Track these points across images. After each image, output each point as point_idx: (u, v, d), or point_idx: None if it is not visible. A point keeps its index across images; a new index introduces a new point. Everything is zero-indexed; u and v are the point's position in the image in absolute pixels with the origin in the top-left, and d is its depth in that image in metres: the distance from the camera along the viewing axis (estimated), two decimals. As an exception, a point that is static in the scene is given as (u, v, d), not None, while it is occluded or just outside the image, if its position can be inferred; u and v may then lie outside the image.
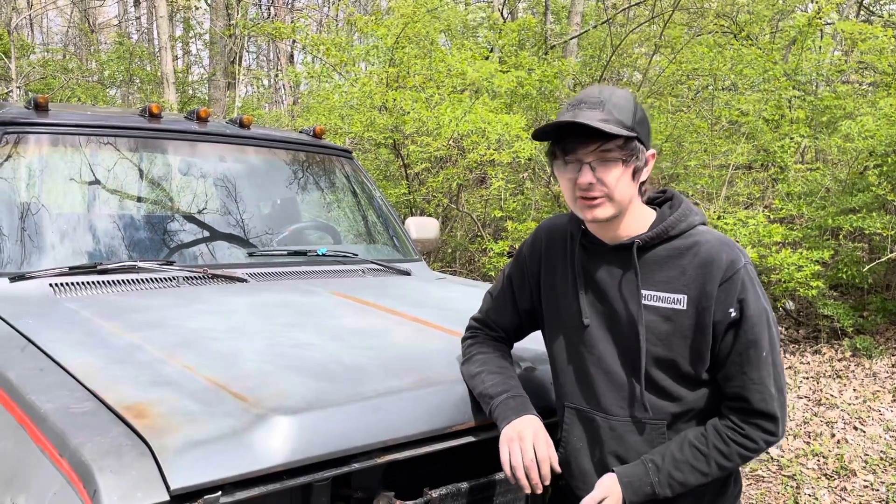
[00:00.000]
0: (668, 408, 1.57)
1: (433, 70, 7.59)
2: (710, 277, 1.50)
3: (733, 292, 1.50)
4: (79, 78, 14.97)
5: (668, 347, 1.53)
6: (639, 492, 1.54)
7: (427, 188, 7.97)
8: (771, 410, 1.52)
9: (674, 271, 1.54)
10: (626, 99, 1.52)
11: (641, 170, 1.53)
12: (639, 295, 1.55)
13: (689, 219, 1.58)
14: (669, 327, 1.53)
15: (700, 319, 1.51)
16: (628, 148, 1.49)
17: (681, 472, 1.53)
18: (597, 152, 1.49)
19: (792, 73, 7.92)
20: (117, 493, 1.19)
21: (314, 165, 3.45)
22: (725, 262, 1.50)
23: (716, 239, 1.55)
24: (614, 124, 1.46)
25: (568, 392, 1.68)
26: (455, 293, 2.81)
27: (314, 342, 1.92)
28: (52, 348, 1.75)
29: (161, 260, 2.59)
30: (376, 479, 1.63)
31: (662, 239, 1.56)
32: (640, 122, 1.51)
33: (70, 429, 1.35)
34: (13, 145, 2.60)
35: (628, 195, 1.53)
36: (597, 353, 1.61)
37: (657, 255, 1.56)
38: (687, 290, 1.52)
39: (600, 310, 1.61)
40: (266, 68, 22.95)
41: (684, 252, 1.54)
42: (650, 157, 1.56)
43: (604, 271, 1.61)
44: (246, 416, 1.42)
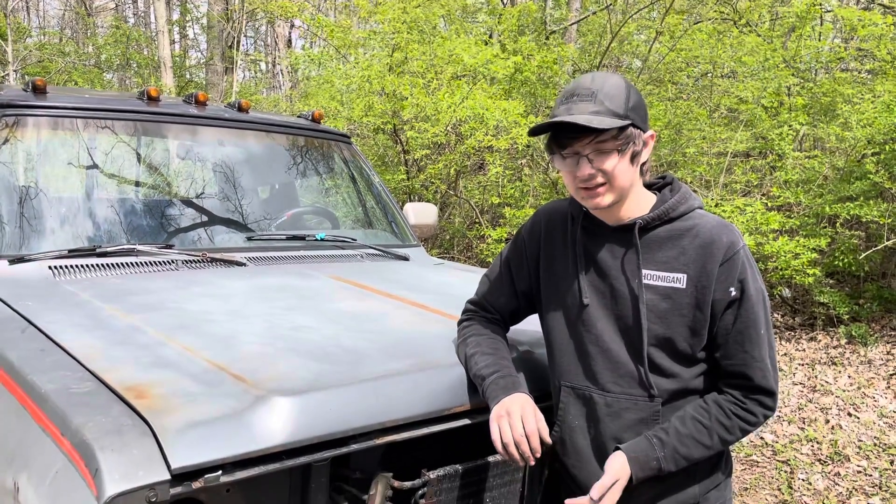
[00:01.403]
0: (664, 385, 1.59)
1: (432, 55, 7.57)
2: (711, 257, 1.54)
3: (734, 272, 1.54)
4: (75, 62, 14.90)
5: (666, 325, 1.56)
6: (645, 467, 1.55)
7: (426, 174, 7.97)
8: (771, 387, 1.57)
9: (673, 251, 1.57)
10: (618, 86, 1.53)
11: (640, 153, 1.56)
12: (640, 274, 1.58)
13: (689, 202, 1.62)
14: (668, 305, 1.56)
15: (699, 298, 1.54)
16: (623, 136, 1.51)
17: (685, 447, 1.55)
18: (592, 144, 1.51)
19: (791, 61, 7.90)
20: (119, 471, 1.20)
21: (313, 150, 3.45)
22: (726, 243, 1.55)
23: (715, 221, 1.60)
24: (606, 115, 1.49)
25: (565, 371, 1.70)
26: (453, 278, 2.82)
27: (313, 325, 1.93)
28: (53, 330, 1.76)
29: (160, 243, 2.59)
30: (375, 461, 1.64)
31: (663, 220, 1.59)
32: (634, 108, 1.53)
33: (71, 409, 1.36)
34: (11, 128, 2.60)
35: (629, 180, 1.56)
36: (595, 332, 1.63)
37: (657, 236, 1.60)
38: (686, 269, 1.55)
39: (600, 289, 1.64)
40: (264, 53, 22.84)
41: (684, 233, 1.58)
42: (649, 138, 1.58)
43: (605, 251, 1.64)
44: (246, 397, 1.43)
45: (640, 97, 1.57)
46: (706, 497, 1.67)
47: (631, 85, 1.57)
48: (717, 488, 1.69)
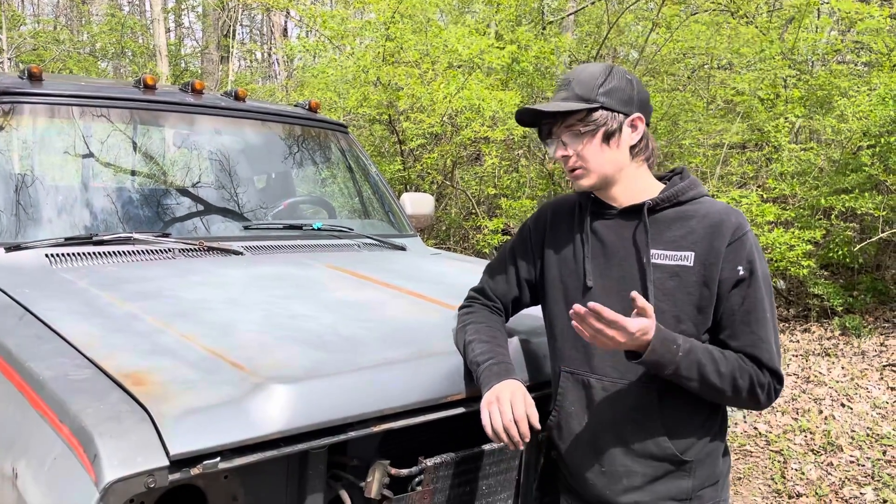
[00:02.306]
0: None
1: (428, 45, 7.55)
2: (720, 236, 1.56)
3: (742, 252, 1.56)
4: (70, 50, 14.81)
5: (672, 303, 1.58)
6: (663, 346, 1.47)
7: (422, 165, 7.96)
8: (777, 367, 1.57)
9: (682, 230, 1.60)
10: (594, 73, 1.62)
11: (615, 134, 1.61)
12: (648, 252, 1.60)
13: (698, 189, 1.66)
14: (675, 283, 1.58)
15: (706, 275, 1.56)
16: (590, 119, 1.60)
17: (703, 359, 1.51)
18: (562, 128, 1.63)
19: (788, 53, 7.90)
20: (117, 457, 1.21)
21: (309, 139, 3.44)
22: (734, 223, 1.58)
23: (723, 206, 1.63)
24: (573, 100, 1.60)
25: (565, 356, 1.71)
26: (450, 268, 2.82)
27: (310, 314, 1.93)
28: (50, 317, 1.76)
29: (157, 232, 2.59)
30: (372, 448, 1.65)
31: (672, 202, 1.63)
32: (608, 92, 1.59)
33: (70, 395, 1.36)
34: (7, 115, 2.59)
35: (607, 161, 1.62)
36: None
37: (665, 217, 1.63)
38: (694, 247, 1.57)
39: (606, 272, 1.66)
40: (260, 42, 22.74)
41: (693, 215, 1.61)
42: (635, 120, 1.62)
43: (612, 234, 1.67)
44: (244, 384, 1.43)
45: (627, 82, 1.62)
46: (699, 495, 1.64)
47: (617, 72, 1.62)
48: (713, 486, 1.67)
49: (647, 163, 1.68)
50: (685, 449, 1.62)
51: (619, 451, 1.64)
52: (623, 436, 1.63)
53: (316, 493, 1.52)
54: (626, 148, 1.63)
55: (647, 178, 1.68)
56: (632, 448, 1.63)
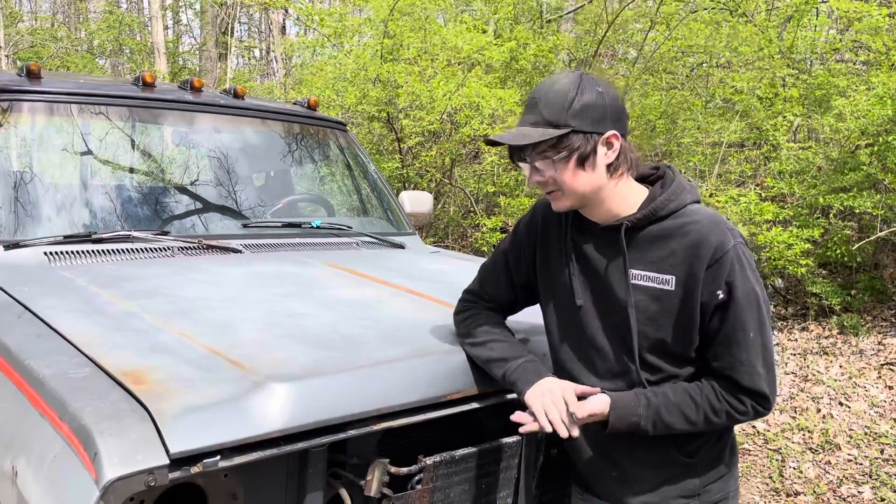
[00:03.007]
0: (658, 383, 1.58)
1: (427, 43, 7.54)
2: (698, 259, 1.50)
3: (721, 275, 1.49)
4: (68, 47, 14.78)
5: (656, 327, 1.55)
6: (623, 419, 1.53)
7: (420, 163, 7.95)
8: (759, 388, 1.53)
9: (663, 251, 1.54)
10: (562, 92, 1.50)
11: (589, 156, 1.51)
12: (626, 277, 1.57)
13: (680, 198, 1.57)
14: (658, 307, 1.54)
15: (687, 300, 1.52)
16: (562, 145, 1.50)
17: (669, 414, 1.53)
18: (533, 155, 1.54)
19: (787, 52, 7.90)
20: (117, 455, 1.21)
21: (308, 137, 3.44)
22: (713, 243, 1.50)
23: (707, 219, 1.54)
24: (542, 125, 1.51)
25: (566, 368, 1.70)
26: (449, 266, 2.82)
27: (310, 312, 1.93)
28: (49, 315, 1.76)
29: (155, 230, 2.59)
30: (372, 447, 1.65)
31: (651, 220, 1.56)
32: (578, 113, 1.48)
33: (69, 393, 1.36)
34: (5, 113, 2.59)
35: (584, 185, 1.54)
36: (590, 332, 1.63)
37: (648, 235, 1.57)
38: (675, 271, 1.52)
39: (593, 289, 1.63)
40: (258, 40, 22.70)
41: (673, 233, 1.54)
42: (610, 138, 1.52)
43: (595, 251, 1.63)
44: (243, 382, 1.43)
45: (598, 95, 1.51)
46: (707, 489, 1.65)
47: (586, 85, 1.50)
48: (720, 480, 1.68)
49: (629, 175, 1.59)
50: (692, 453, 1.63)
51: (628, 461, 1.65)
52: (630, 446, 1.63)
53: (316, 491, 1.52)
54: (603, 167, 1.53)
55: (629, 190, 1.59)
56: (640, 457, 1.63)
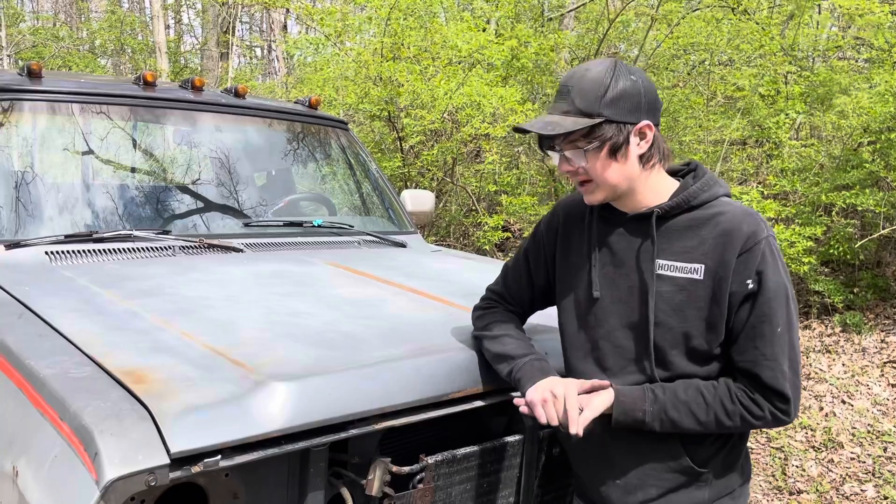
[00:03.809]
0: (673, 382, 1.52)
1: (428, 42, 7.53)
2: (730, 247, 1.46)
3: (752, 263, 1.45)
4: (70, 47, 14.79)
5: (681, 318, 1.49)
6: (628, 414, 1.49)
7: (421, 161, 7.95)
8: (782, 388, 1.45)
9: (693, 241, 1.50)
10: (596, 80, 1.47)
11: (622, 147, 1.48)
12: (653, 264, 1.52)
13: (712, 189, 1.54)
14: (684, 297, 1.49)
15: (716, 290, 1.47)
16: (594, 135, 1.47)
17: (676, 412, 1.48)
18: (565, 144, 1.51)
19: (789, 49, 7.89)
20: (118, 455, 1.21)
21: (310, 136, 3.44)
22: (746, 232, 1.46)
23: (739, 209, 1.51)
24: (574, 114, 1.47)
25: (576, 366, 1.66)
26: (451, 265, 2.82)
27: (311, 311, 1.93)
28: (50, 315, 1.75)
29: (157, 229, 2.59)
30: (373, 446, 1.65)
31: (683, 209, 1.52)
32: (612, 101, 1.46)
33: (70, 393, 1.36)
34: (6, 112, 2.58)
35: (617, 176, 1.51)
36: (606, 327, 1.58)
37: (677, 225, 1.53)
38: (705, 259, 1.48)
39: (614, 281, 1.58)
40: (259, 37, 22.70)
41: (705, 222, 1.51)
42: (643, 128, 1.49)
43: (621, 241, 1.58)
44: (245, 382, 1.43)
45: (632, 84, 1.48)
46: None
47: (621, 73, 1.48)
48: (729, 495, 1.60)
49: (661, 166, 1.56)
50: (703, 461, 1.56)
51: (634, 464, 1.58)
52: (638, 448, 1.57)
53: (317, 490, 1.51)
54: (635, 158, 1.50)
55: (660, 181, 1.56)
56: (647, 461, 1.57)
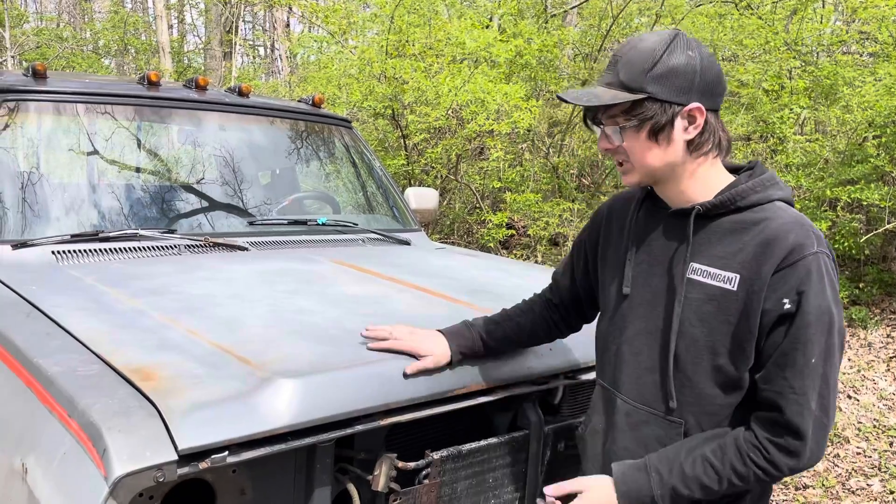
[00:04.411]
0: (693, 408, 1.39)
1: (432, 39, 7.54)
2: (768, 258, 1.30)
3: (792, 280, 1.28)
4: (73, 47, 14.83)
5: (708, 331, 1.35)
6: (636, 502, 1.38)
7: (426, 159, 7.95)
8: (801, 427, 1.28)
9: (733, 246, 1.35)
10: (646, 51, 1.33)
11: (665, 129, 1.34)
12: (685, 267, 1.39)
13: (766, 191, 1.37)
14: (713, 308, 1.35)
15: (748, 304, 1.31)
16: (634, 112, 1.34)
17: (688, 489, 1.35)
18: (605, 118, 1.39)
19: (793, 44, 7.86)
20: (126, 452, 1.22)
21: (313, 135, 3.44)
22: (791, 244, 1.29)
23: (790, 218, 1.33)
24: (616, 87, 1.35)
25: (601, 368, 1.58)
26: (455, 262, 2.83)
27: (316, 308, 1.94)
28: (57, 313, 1.77)
29: (162, 228, 2.60)
30: (379, 442, 1.66)
31: (729, 209, 1.37)
32: (659, 77, 1.31)
33: (78, 391, 1.37)
34: (11, 113, 2.60)
35: (655, 160, 1.37)
36: (630, 331, 1.48)
37: (720, 227, 1.38)
38: (741, 268, 1.33)
39: (645, 281, 1.46)
40: (262, 34, 22.72)
41: (749, 227, 1.35)
42: (693, 111, 1.33)
43: (659, 238, 1.46)
44: (251, 378, 1.44)
45: (688, 61, 1.32)
46: None
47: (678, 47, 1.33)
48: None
49: (715, 157, 1.40)
50: None
51: None
52: None
53: (323, 486, 1.52)
54: (681, 143, 1.35)
55: (712, 175, 1.40)
56: None
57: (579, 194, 8.25)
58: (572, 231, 7.31)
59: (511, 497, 1.83)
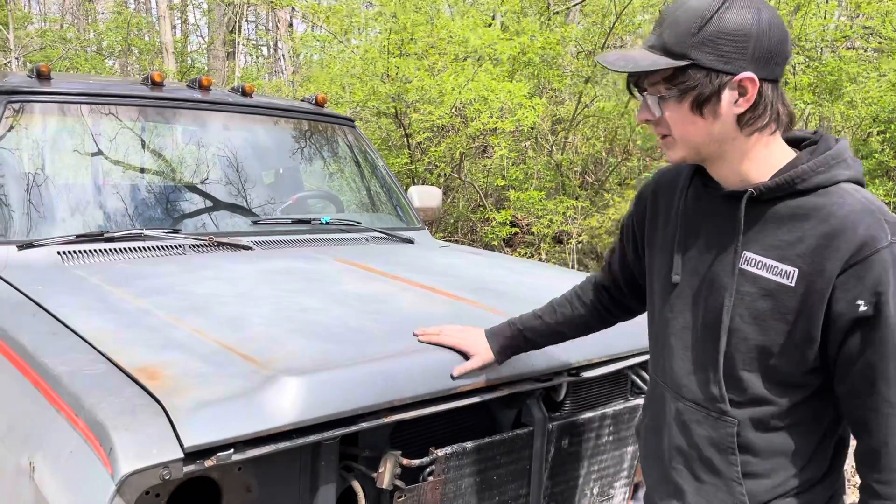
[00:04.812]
0: (746, 408, 1.27)
1: (435, 37, 7.54)
2: (834, 253, 1.14)
3: (868, 279, 1.12)
4: (77, 48, 14.87)
5: (761, 330, 1.21)
6: None
7: (428, 157, 7.96)
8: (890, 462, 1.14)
9: (791, 235, 1.19)
10: (696, 11, 1.16)
11: (710, 100, 1.18)
12: (736, 257, 1.24)
13: (831, 171, 1.19)
14: (768, 305, 1.20)
15: (809, 305, 1.17)
16: (676, 80, 1.18)
17: None
18: (647, 84, 1.24)
19: (796, 39, 7.85)
20: (133, 450, 1.22)
21: (317, 134, 3.45)
22: (861, 236, 1.13)
23: (859, 203, 1.16)
24: (658, 51, 1.19)
25: (653, 360, 1.47)
26: (458, 260, 2.83)
27: (320, 307, 1.94)
28: (63, 313, 1.78)
29: (166, 228, 2.61)
30: (383, 439, 1.66)
31: (787, 191, 1.20)
32: (706, 41, 1.15)
33: (85, 390, 1.38)
34: (16, 114, 2.61)
35: (699, 134, 1.22)
36: (680, 323, 1.35)
37: (777, 213, 1.22)
38: (801, 261, 1.17)
39: (696, 269, 1.32)
40: (265, 33, 22.75)
41: (811, 214, 1.18)
42: (743, 81, 1.16)
43: (709, 221, 1.31)
44: (256, 377, 1.45)
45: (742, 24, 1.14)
46: None
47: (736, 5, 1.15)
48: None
49: (773, 134, 1.23)
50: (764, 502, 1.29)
51: (691, 489, 1.34)
52: (694, 469, 1.34)
53: (328, 483, 1.53)
54: (730, 118, 1.19)
55: (770, 152, 1.23)
56: (703, 487, 1.32)
57: (583, 192, 8.26)
58: (576, 229, 7.32)
59: (515, 494, 1.83)
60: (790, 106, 1.24)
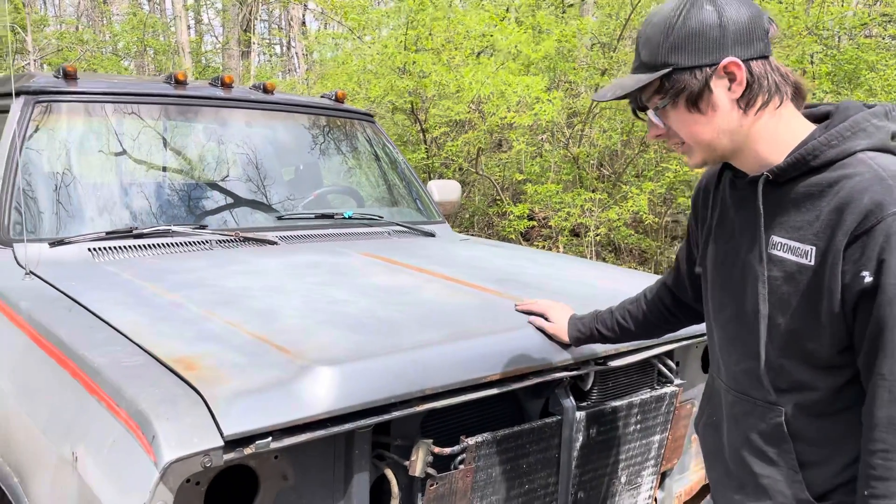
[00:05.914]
0: (789, 394, 1.25)
1: (452, 32, 7.55)
2: (841, 225, 1.12)
3: (871, 248, 1.09)
4: (94, 49, 15.00)
5: (788, 314, 1.21)
6: None
7: (444, 152, 7.97)
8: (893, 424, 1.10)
9: (809, 215, 1.18)
10: (660, 24, 1.22)
11: (702, 95, 1.20)
12: (761, 243, 1.24)
13: (847, 143, 1.17)
14: (791, 288, 1.20)
15: (826, 281, 1.15)
16: (664, 89, 1.23)
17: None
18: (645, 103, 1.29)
19: (814, 28, 7.78)
20: (175, 438, 1.25)
21: (337, 130, 3.48)
22: (867, 205, 1.10)
23: (871, 171, 1.13)
24: (641, 70, 1.25)
25: (710, 357, 1.47)
26: (480, 252, 2.85)
27: (348, 299, 1.97)
28: (98, 308, 1.81)
29: (194, 224, 2.64)
30: (415, 428, 1.68)
31: (803, 170, 1.19)
32: (678, 45, 1.19)
33: (124, 381, 1.41)
34: (45, 114, 2.65)
35: (708, 131, 1.23)
36: (724, 316, 1.36)
37: (795, 192, 1.21)
38: (817, 239, 1.16)
39: (731, 261, 1.34)
40: (280, 33, 22.83)
41: (826, 189, 1.16)
42: (729, 66, 1.18)
43: (740, 213, 1.32)
44: (290, 366, 1.47)
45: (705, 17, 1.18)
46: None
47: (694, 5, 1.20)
48: None
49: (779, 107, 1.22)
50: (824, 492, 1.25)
51: (752, 482, 1.32)
52: (752, 462, 1.32)
53: (362, 471, 1.55)
54: (729, 105, 1.20)
55: (786, 129, 1.22)
56: (763, 480, 1.30)
57: (600, 184, 8.23)
58: (594, 221, 7.30)
59: (544, 482, 1.85)
60: (792, 73, 1.24)
